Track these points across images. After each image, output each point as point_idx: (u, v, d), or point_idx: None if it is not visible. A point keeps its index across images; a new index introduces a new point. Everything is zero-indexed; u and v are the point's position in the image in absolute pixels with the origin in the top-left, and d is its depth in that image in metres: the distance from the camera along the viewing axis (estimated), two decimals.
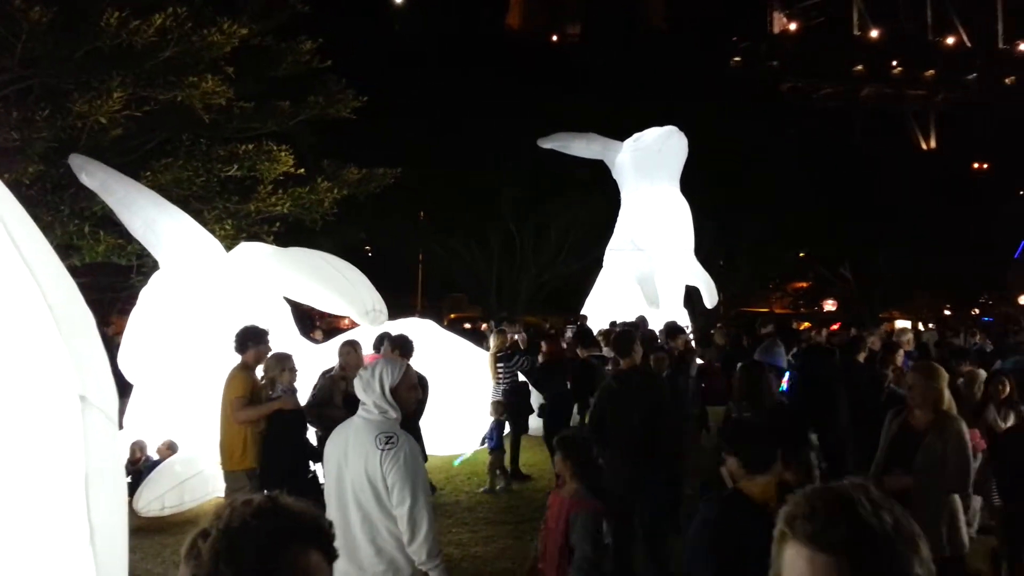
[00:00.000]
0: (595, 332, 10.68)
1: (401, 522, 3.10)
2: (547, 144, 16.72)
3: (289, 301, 9.08)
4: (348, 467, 3.21)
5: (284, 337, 7.96)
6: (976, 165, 49.03)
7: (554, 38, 66.11)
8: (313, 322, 18.79)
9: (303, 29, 14.24)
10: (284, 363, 5.80)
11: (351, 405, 6.15)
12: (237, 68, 12.15)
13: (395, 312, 11.26)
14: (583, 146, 16.76)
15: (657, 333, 9.44)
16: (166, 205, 9.07)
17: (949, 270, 32.33)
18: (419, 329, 9.54)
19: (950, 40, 72.66)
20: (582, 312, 15.64)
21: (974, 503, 5.56)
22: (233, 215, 12.71)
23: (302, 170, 13.33)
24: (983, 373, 7.26)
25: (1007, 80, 70.73)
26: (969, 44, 72.68)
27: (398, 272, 26.51)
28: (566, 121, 18.18)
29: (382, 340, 7.21)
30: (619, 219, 16.41)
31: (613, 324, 13.08)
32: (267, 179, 12.94)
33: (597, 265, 16.97)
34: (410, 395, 3.35)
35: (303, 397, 6.12)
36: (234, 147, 12.67)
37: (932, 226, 29.80)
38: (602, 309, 14.67)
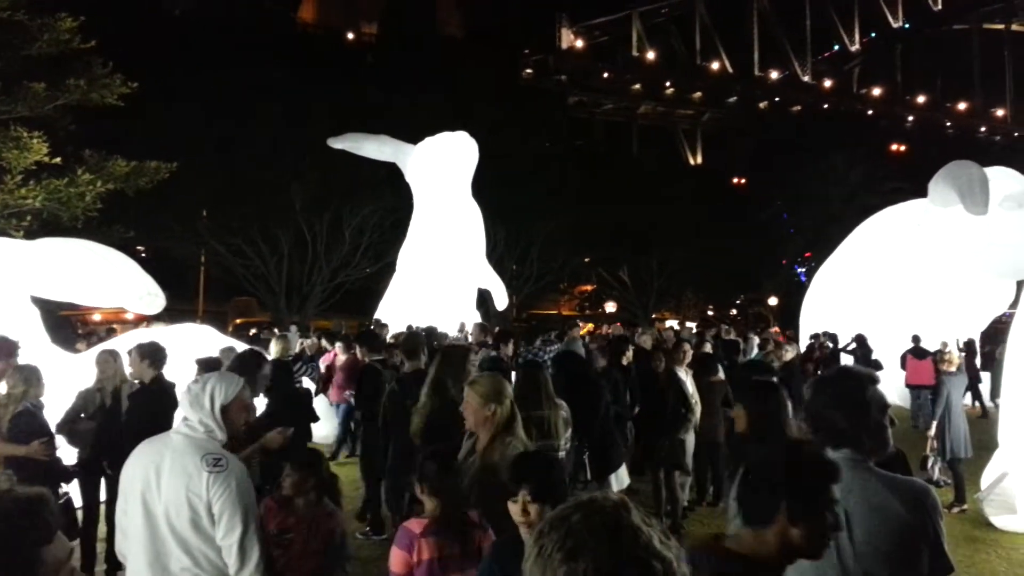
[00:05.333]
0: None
1: (228, 552, 2.83)
2: (338, 144, 16.35)
3: (43, 308, 8.11)
4: (160, 488, 2.86)
5: (34, 347, 7.10)
6: (735, 180, 54.50)
7: (349, 36, 65.08)
8: (75, 331, 17.01)
9: (63, 5, 12.92)
10: (29, 376, 5.20)
11: (107, 417, 5.67)
12: None
13: (174, 318, 10.49)
14: (375, 148, 16.59)
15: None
16: None
17: (711, 275, 35.76)
18: (196, 336, 8.93)
19: (715, 65, 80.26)
20: (375, 316, 15.46)
21: None
22: None
23: (58, 160, 12.07)
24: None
25: (761, 105, 79.44)
26: (731, 70, 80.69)
27: (176, 275, 24.61)
28: (358, 120, 17.89)
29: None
30: (412, 222, 16.42)
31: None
32: (15, 169, 11.59)
33: (391, 268, 16.86)
34: (239, 416, 3.06)
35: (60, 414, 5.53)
36: None
37: (698, 234, 32.73)
38: (396, 313, 14.59)
